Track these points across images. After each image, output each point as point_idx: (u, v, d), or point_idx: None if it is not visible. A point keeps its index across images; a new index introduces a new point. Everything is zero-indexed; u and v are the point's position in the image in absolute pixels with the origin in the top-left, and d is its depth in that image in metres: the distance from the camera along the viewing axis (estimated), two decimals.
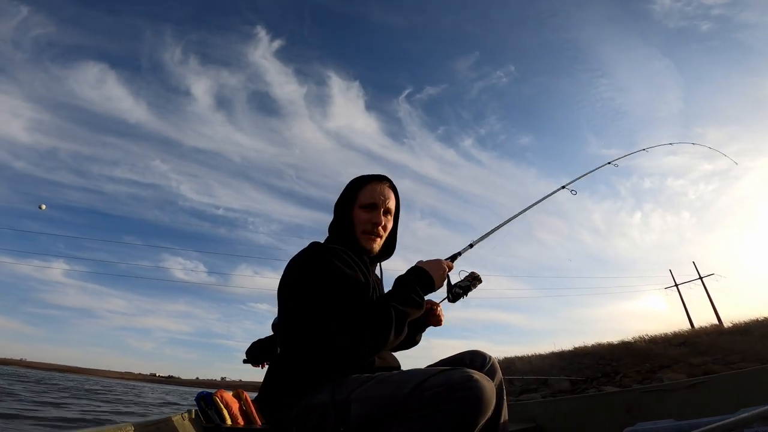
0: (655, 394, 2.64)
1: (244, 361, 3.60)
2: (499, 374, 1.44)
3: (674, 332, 20.06)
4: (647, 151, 3.32)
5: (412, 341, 1.66)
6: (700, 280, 25.20)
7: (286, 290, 1.33)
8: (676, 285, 26.46)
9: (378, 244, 1.48)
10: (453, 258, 1.62)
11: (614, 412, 2.68)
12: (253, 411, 3.62)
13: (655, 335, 20.23)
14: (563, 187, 2.46)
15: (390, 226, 1.53)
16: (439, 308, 1.61)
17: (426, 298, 1.33)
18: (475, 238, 1.82)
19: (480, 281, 1.56)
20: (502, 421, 1.36)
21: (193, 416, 3.24)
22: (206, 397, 3.28)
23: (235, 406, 3.47)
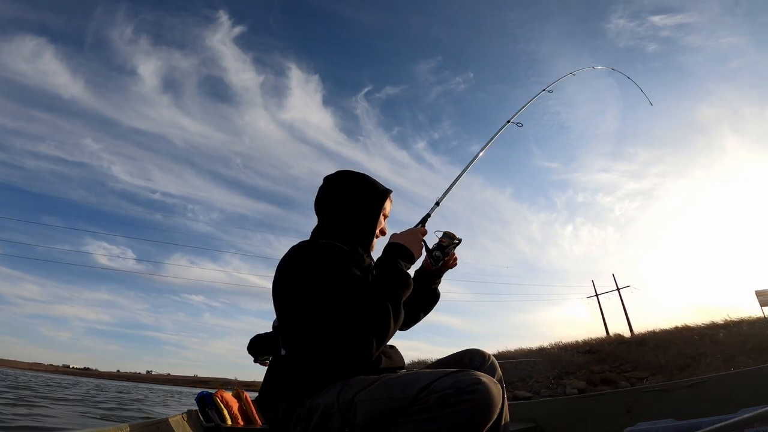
0: (655, 394, 2.61)
1: (255, 361, 3.62)
2: (499, 373, 1.43)
3: (584, 340, 21.62)
4: (574, 74, 3.43)
5: (432, 298, 1.67)
6: (617, 291, 27.12)
7: (283, 290, 1.31)
8: (597, 295, 28.32)
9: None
10: (423, 221, 1.64)
11: (614, 412, 2.65)
12: (254, 411, 3.65)
13: (567, 342, 21.78)
14: (509, 122, 2.48)
15: None
16: (453, 253, 1.60)
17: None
18: (439, 195, 1.82)
19: (455, 238, 1.56)
20: (503, 420, 1.35)
21: (193, 416, 3.29)
22: (206, 397, 3.32)
23: (235, 406, 3.50)
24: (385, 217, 1.59)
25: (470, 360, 1.45)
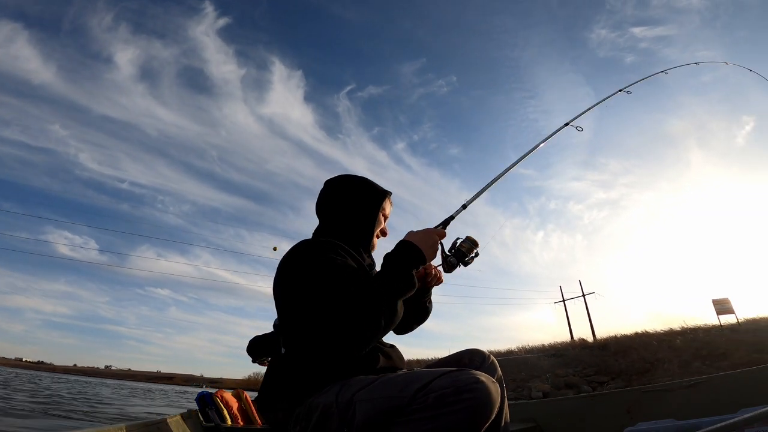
0: (655, 394, 2.65)
1: (253, 361, 3.61)
2: (499, 372, 1.44)
3: (550, 344, 22.70)
4: (666, 72, 3.37)
5: (424, 310, 1.64)
6: (583, 297, 28.25)
7: (282, 289, 1.32)
8: (564, 300, 29.44)
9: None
10: (445, 224, 1.57)
11: (614, 412, 2.68)
12: (254, 411, 3.63)
13: (534, 346, 22.95)
14: (567, 124, 2.40)
15: None
16: (434, 268, 1.56)
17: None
18: (468, 198, 1.74)
19: (476, 245, 1.48)
20: (503, 419, 1.36)
21: (193, 416, 3.25)
22: (206, 397, 3.29)
23: (235, 405, 3.48)
24: (385, 217, 1.61)
25: (470, 360, 1.46)
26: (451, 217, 1.59)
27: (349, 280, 1.23)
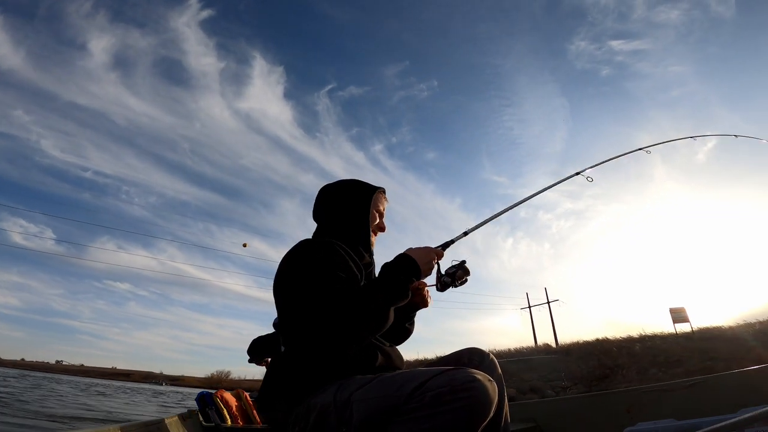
0: (655, 394, 2.64)
1: (249, 361, 3.58)
2: (498, 371, 1.45)
3: (516, 349, 23.71)
4: (695, 139, 3.31)
5: (404, 332, 1.66)
6: (548, 304, 29.43)
7: (281, 287, 1.35)
8: (529, 306, 30.51)
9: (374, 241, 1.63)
10: (445, 246, 1.60)
11: (614, 412, 2.69)
12: (253, 411, 3.61)
13: (501, 350, 23.69)
14: (578, 173, 2.41)
15: None
16: (425, 289, 1.59)
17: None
18: (470, 226, 1.79)
19: (468, 272, 1.55)
20: (503, 419, 1.38)
21: (193, 416, 3.20)
22: (206, 397, 3.27)
23: (234, 405, 3.47)
24: (380, 213, 1.63)
25: (469, 359, 1.47)
26: (452, 241, 1.64)
27: (346, 281, 1.27)
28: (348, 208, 1.56)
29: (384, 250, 1.71)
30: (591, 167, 2.48)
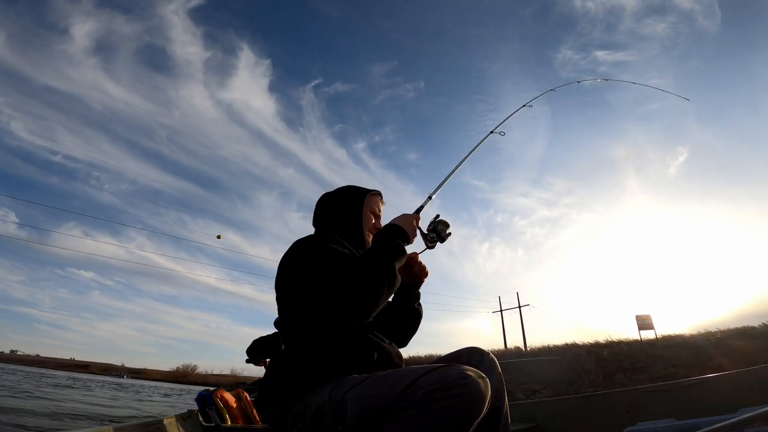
0: (655, 394, 2.66)
1: (247, 361, 3.55)
2: (498, 371, 1.45)
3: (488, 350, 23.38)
4: (555, 90, 3.47)
5: (415, 314, 1.72)
6: (519, 308, 30.62)
7: (283, 282, 1.39)
8: (501, 310, 31.55)
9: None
10: (417, 211, 1.69)
11: (614, 412, 2.71)
12: (253, 411, 3.57)
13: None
14: (492, 132, 2.58)
15: None
16: (418, 257, 1.67)
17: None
18: (431, 190, 1.90)
19: (447, 225, 1.65)
20: (503, 419, 1.39)
21: (193, 416, 3.15)
22: (206, 397, 3.22)
23: (235, 405, 3.42)
24: (375, 215, 1.70)
25: (468, 358, 1.46)
26: (421, 207, 1.73)
27: (348, 259, 1.35)
28: (341, 210, 1.64)
29: None
30: (498, 125, 2.68)
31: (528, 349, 23.45)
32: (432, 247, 1.66)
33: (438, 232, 1.64)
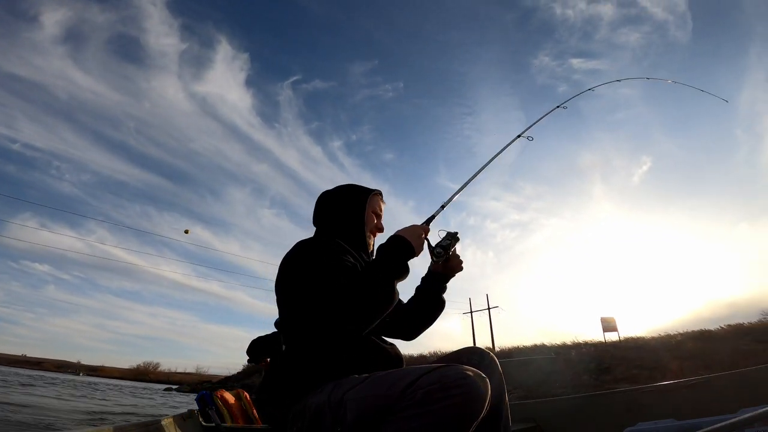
0: (655, 394, 2.67)
1: (249, 361, 3.49)
2: (498, 371, 1.45)
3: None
4: (593, 90, 3.35)
5: (439, 304, 1.71)
6: (488, 310, 30.63)
7: (283, 283, 1.38)
8: (471, 312, 31.63)
9: (374, 243, 1.66)
10: (428, 222, 1.63)
11: (614, 412, 2.70)
12: (253, 410, 3.53)
13: (445, 353, 24.20)
14: (519, 136, 2.46)
15: None
16: (455, 250, 1.64)
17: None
18: (445, 200, 1.84)
19: (458, 239, 1.62)
20: (503, 419, 1.39)
21: (194, 416, 3.09)
22: (206, 397, 3.18)
23: (235, 405, 3.39)
24: (377, 215, 1.66)
25: (468, 358, 1.45)
26: (433, 216, 1.68)
27: (347, 268, 1.30)
28: (343, 210, 1.60)
29: None
30: (527, 129, 2.54)
31: (497, 350, 23.96)
32: (437, 263, 1.63)
33: (446, 248, 1.59)
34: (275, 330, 3.46)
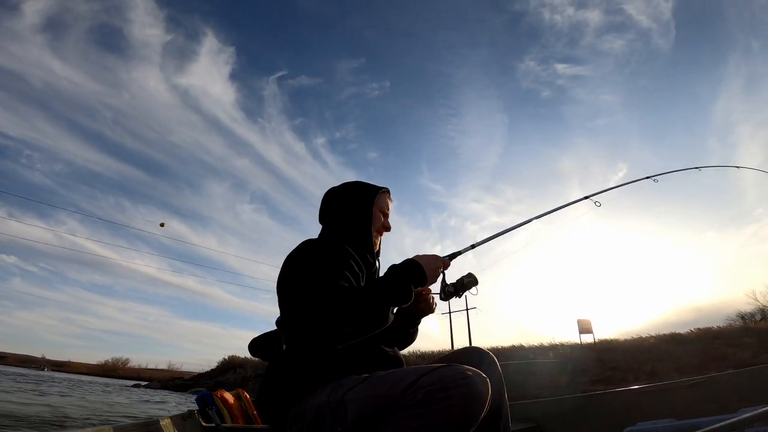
0: (655, 394, 2.66)
1: (253, 356, 3.43)
2: (498, 371, 1.45)
3: (439, 351, 26.47)
4: (677, 171, 3.23)
5: (407, 338, 1.68)
6: (466, 311, 30.55)
7: (283, 285, 1.36)
8: (450, 312, 31.42)
9: (380, 242, 1.64)
10: (452, 257, 1.60)
11: (614, 412, 2.71)
12: (253, 411, 3.48)
13: (425, 352, 26.67)
14: (586, 197, 2.35)
15: None
16: (430, 294, 1.61)
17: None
18: (478, 240, 1.79)
19: (476, 283, 1.57)
20: (503, 419, 1.39)
21: (193, 416, 3.03)
22: (206, 397, 3.14)
23: (235, 405, 3.35)
24: (384, 214, 1.62)
25: (468, 358, 1.45)
26: (458, 252, 1.65)
27: (347, 278, 1.28)
28: (350, 209, 1.57)
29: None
30: (598, 192, 2.46)
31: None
32: (444, 300, 1.59)
33: (459, 291, 1.55)
34: (275, 329, 3.41)
